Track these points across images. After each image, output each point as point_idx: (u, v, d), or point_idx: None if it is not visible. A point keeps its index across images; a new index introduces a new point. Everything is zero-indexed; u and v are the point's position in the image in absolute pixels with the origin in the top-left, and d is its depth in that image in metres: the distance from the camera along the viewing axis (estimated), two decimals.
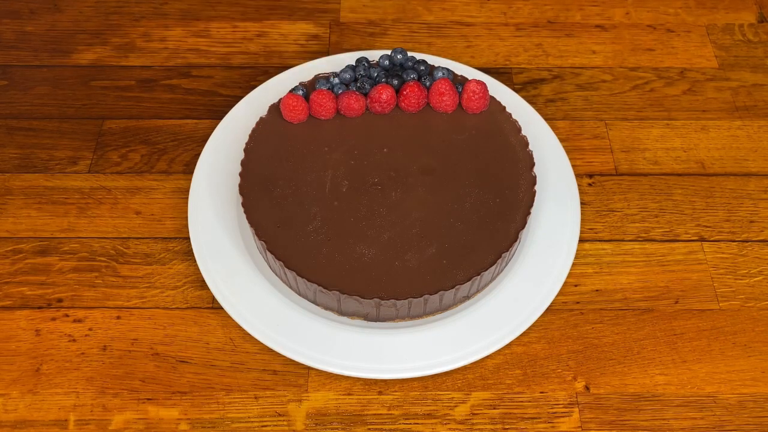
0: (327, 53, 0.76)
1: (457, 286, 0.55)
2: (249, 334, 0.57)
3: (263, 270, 0.60)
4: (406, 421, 0.55)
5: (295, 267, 0.55)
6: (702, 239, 0.64)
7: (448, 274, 0.55)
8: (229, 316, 0.58)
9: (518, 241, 0.58)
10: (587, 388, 0.57)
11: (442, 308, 0.58)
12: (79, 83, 0.74)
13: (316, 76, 0.65)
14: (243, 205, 0.58)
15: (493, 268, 0.56)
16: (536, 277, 0.59)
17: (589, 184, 0.68)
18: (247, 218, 0.57)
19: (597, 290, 0.62)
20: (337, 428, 0.55)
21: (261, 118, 0.63)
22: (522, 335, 0.58)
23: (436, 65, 0.65)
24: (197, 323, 0.59)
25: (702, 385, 0.57)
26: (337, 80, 0.64)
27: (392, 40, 0.78)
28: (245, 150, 0.61)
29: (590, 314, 0.60)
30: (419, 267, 0.55)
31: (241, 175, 0.59)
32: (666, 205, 0.66)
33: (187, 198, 0.64)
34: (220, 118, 0.68)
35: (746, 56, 0.77)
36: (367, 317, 0.57)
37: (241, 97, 0.69)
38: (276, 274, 0.59)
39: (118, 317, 0.59)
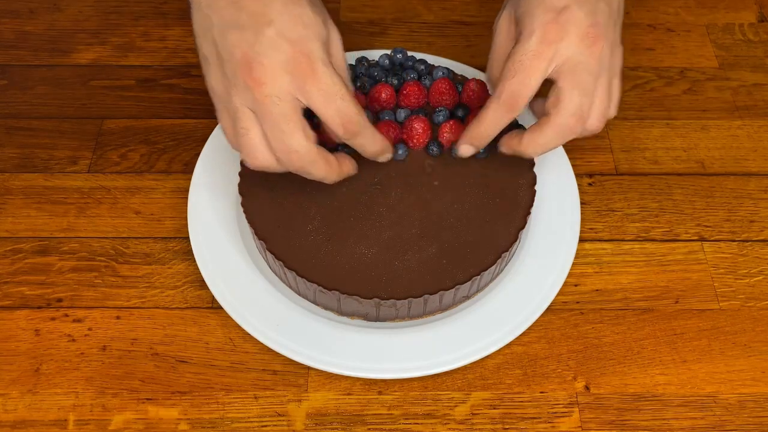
0: None
1: (457, 286, 0.55)
2: (249, 334, 0.57)
3: (263, 270, 0.60)
4: (406, 421, 0.55)
5: (295, 267, 0.55)
6: (702, 239, 0.64)
7: (448, 274, 0.55)
8: (229, 316, 0.58)
9: (518, 241, 0.58)
10: (587, 388, 0.57)
11: (442, 308, 0.58)
12: (79, 83, 0.73)
13: None
14: (243, 205, 0.58)
15: (493, 268, 0.56)
16: (536, 277, 0.59)
17: (589, 184, 0.68)
18: (247, 218, 0.57)
19: (597, 290, 0.62)
20: (337, 428, 0.55)
21: None
22: (522, 335, 0.58)
23: (436, 65, 0.65)
24: (197, 323, 0.59)
25: (702, 385, 0.57)
26: None
27: (392, 39, 0.78)
28: None
29: (590, 314, 0.60)
30: (419, 267, 0.55)
31: (241, 175, 0.59)
32: (666, 205, 0.66)
33: (186, 198, 0.64)
34: None
35: (746, 56, 0.77)
36: (366, 317, 0.57)
37: None
38: (276, 274, 0.59)
39: (118, 317, 0.59)
